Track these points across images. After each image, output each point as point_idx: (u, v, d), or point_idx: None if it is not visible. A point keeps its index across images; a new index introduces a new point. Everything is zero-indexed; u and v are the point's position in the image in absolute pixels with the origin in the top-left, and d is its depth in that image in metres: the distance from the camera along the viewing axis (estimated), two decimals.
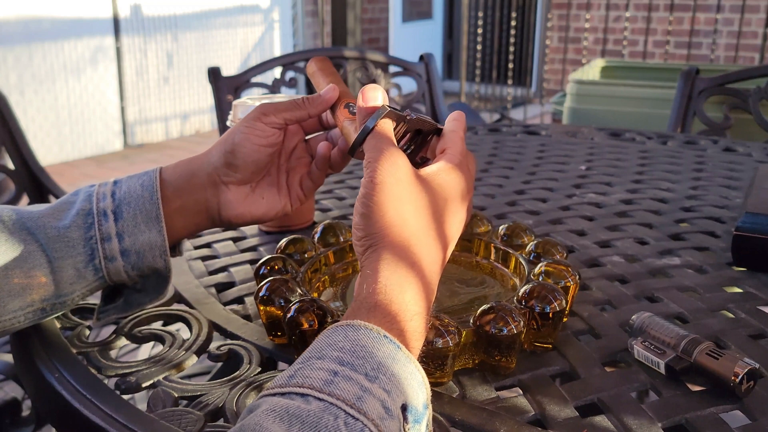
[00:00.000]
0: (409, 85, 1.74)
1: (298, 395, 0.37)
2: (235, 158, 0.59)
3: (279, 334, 0.59)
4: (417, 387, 0.41)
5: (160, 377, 0.55)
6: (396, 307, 0.44)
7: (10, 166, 1.54)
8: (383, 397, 0.38)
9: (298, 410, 0.36)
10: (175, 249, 0.62)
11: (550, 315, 0.55)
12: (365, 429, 0.36)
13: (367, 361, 0.39)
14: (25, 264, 0.55)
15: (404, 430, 0.39)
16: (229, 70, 2.59)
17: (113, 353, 0.60)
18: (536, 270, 0.62)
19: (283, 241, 0.70)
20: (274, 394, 0.38)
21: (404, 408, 0.39)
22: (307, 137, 0.65)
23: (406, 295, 0.44)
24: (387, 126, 0.51)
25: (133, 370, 0.56)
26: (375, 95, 0.52)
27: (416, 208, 0.48)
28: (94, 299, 0.63)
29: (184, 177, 0.60)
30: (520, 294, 0.57)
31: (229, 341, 0.60)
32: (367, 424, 0.37)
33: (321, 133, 0.65)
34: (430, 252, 0.48)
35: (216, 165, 0.60)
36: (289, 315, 0.54)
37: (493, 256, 0.70)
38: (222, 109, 1.58)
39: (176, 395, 0.52)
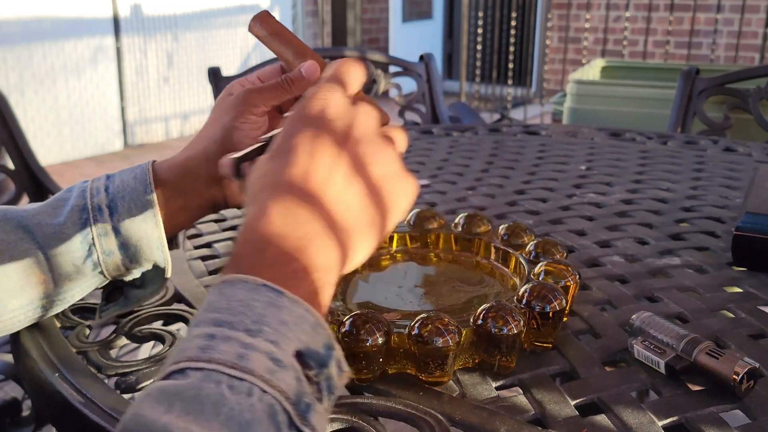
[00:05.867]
0: (409, 85, 1.74)
1: (177, 372, 0.34)
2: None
3: None
4: (311, 330, 0.37)
5: None
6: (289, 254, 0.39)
7: (10, 166, 1.55)
8: (269, 349, 0.35)
9: (175, 387, 0.32)
10: (172, 242, 0.62)
11: (550, 315, 0.55)
12: (253, 388, 0.33)
13: (246, 315, 0.36)
14: (22, 262, 0.55)
15: (307, 377, 0.36)
16: (229, 70, 2.60)
17: (113, 353, 0.60)
18: (536, 270, 0.62)
19: None
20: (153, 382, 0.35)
21: (300, 354, 0.36)
22: (285, 114, 0.62)
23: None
24: None
25: (134, 369, 0.56)
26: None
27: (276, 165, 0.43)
28: (95, 299, 0.63)
29: (188, 178, 0.59)
30: (520, 293, 0.57)
31: None
32: (254, 382, 0.33)
33: None
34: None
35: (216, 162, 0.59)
36: None
37: (493, 256, 0.70)
38: None
39: None
